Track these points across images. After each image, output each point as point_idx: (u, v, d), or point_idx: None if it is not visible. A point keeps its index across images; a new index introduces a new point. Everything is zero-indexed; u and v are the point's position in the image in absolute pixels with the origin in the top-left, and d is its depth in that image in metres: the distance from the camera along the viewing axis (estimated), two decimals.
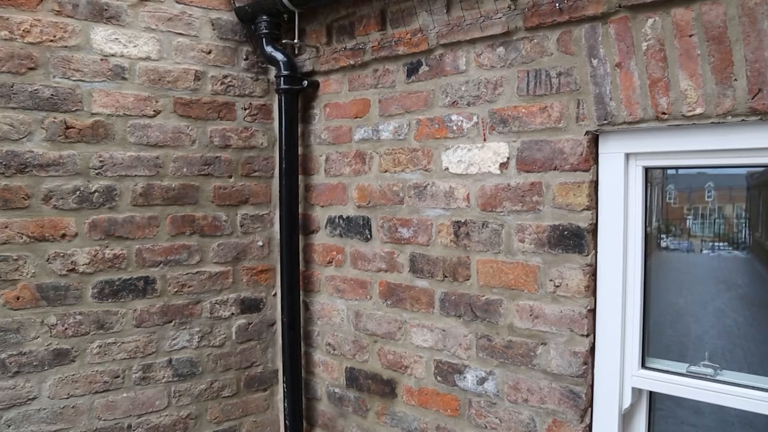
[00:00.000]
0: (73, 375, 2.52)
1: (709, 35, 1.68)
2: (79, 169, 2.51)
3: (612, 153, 1.95)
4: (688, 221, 1.92)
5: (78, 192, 2.52)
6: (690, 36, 1.71)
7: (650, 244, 1.97)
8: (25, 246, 2.42)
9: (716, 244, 1.87)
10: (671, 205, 1.97)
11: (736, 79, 1.64)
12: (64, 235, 2.50)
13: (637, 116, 1.84)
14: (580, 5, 1.92)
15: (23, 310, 2.42)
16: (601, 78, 1.90)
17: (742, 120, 1.65)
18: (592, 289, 1.98)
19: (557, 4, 1.96)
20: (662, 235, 1.97)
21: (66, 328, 2.50)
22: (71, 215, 2.51)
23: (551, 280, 2.04)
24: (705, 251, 1.89)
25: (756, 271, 1.82)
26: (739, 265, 1.85)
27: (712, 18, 1.67)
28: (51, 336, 2.48)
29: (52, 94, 2.45)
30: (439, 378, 2.40)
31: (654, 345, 1.97)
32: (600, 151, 1.98)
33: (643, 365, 1.97)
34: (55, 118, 2.46)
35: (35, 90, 2.41)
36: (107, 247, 2.59)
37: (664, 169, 1.95)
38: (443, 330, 2.37)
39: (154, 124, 2.68)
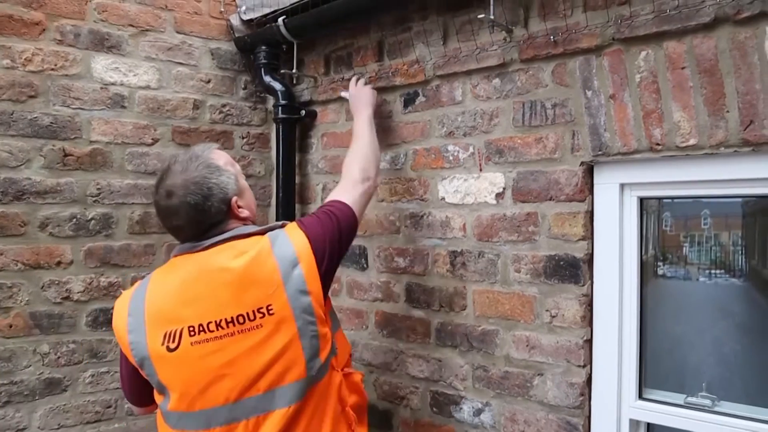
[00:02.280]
0: (64, 405, 2.49)
1: (701, 68, 1.70)
2: (76, 196, 2.52)
3: (607, 183, 1.97)
4: (684, 249, 1.93)
5: (75, 219, 2.52)
6: (682, 68, 1.74)
7: (647, 272, 1.97)
8: (19, 273, 2.41)
9: (713, 271, 1.87)
10: (667, 232, 1.97)
11: (728, 111, 1.66)
12: (59, 263, 2.49)
13: (631, 147, 1.85)
14: (574, 38, 1.95)
15: (16, 339, 2.40)
16: (595, 109, 1.93)
17: (735, 151, 1.67)
18: (588, 319, 1.97)
19: (552, 37, 1.99)
20: (659, 263, 1.97)
21: (59, 357, 2.48)
22: (67, 243, 2.51)
23: (547, 311, 2.04)
24: (702, 279, 1.89)
25: (753, 299, 1.82)
26: (736, 292, 1.85)
27: (703, 51, 1.70)
28: (43, 365, 2.45)
29: (51, 122, 2.46)
30: (435, 409, 2.37)
31: (651, 375, 1.96)
32: (595, 181, 1.99)
33: (641, 396, 1.95)
34: (53, 145, 2.47)
35: (35, 118, 2.43)
36: (102, 275, 2.58)
37: (658, 199, 1.96)
38: (439, 360, 2.35)
39: (152, 152, 2.70)
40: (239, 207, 1.75)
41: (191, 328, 1.59)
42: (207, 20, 2.87)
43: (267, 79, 2.87)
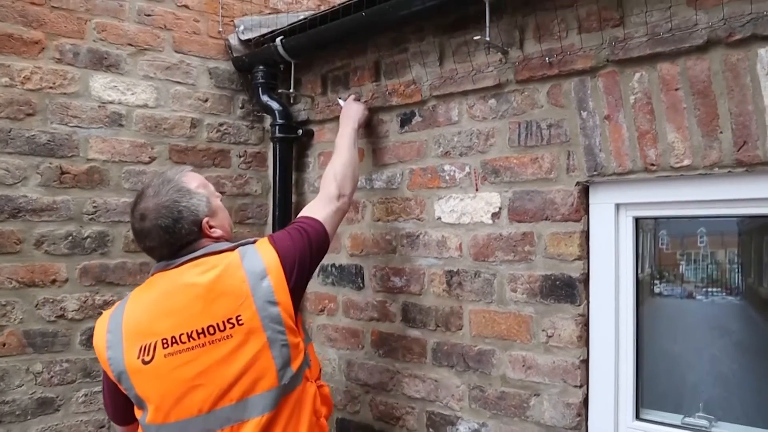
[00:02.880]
0: (56, 425, 2.47)
1: (695, 89, 1.72)
2: (72, 214, 2.52)
3: (602, 203, 1.97)
4: (681, 267, 1.93)
5: (70, 237, 2.51)
6: (676, 90, 1.76)
7: (643, 290, 1.97)
8: (14, 291, 2.40)
9: (709, 289, 1.87)
10: (664, 251, 1.98)
11: (721, 132, 1.68)
12: (54, 281, 2.48)
13: (626, 167, 1.87)
14: (569, 59, 1.97)
15: (9, 357, 2.38)
16: (590, 130, 1.94)
17: (729, 171, 1.68)
18: (584, 339, 1.97)
19: (547, 58, 2.01)
20: (655, 282, 1.97)
21: (52, 376, 2.46)
22: (62, 261, 2.50)
23: (544, 330, 2.04)
24: (698, 297, 1.89)
25: (750, 317, 1.82)
26: (733, 311, 1.85)
27: (696, 73, 1.72)
28: (36, 384, 2.43)
29: (48, 140, 2.47)
30: (431, 430, 2.35)
31: (648, 395, 1.95)
32: (591, 201, 2.00)
33: (638, 417, 1.94)
34: (50, 163, 2.47)
35: (32, 136, 2.44)
36: (97, 293, 2.57)
37: (653, 219, 1.96)
38: (435, 380, 2.34)
39: (149, 170, 2.70)
40: (211, 227, 1.82)
41: (164, 341, 1.65)
42: (205, 40, 2.89)
43: (264, 98, 2.89)
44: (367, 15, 2.35)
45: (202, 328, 1.65)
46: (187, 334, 1.64)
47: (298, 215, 2.04)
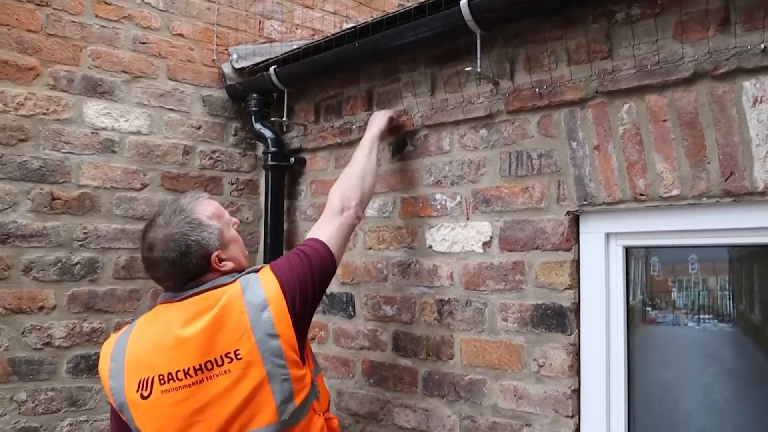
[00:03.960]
0: None
1: (682, 120, 1.75)
2: (62, 240, 2.51)
3: (592, 233, 1.98)
4: (672, 294, 1.93)
5: (59, 264, 2.50)
6: (664, 121, 1.78)
7: (635, 318, 1.97)
8: (0, 318, 2.37)
9: (701, 316, 1.87)
10: (655, 277, 1.98)
11: (709, 162, 1.70)
12: (42, 308, 2.46)
13: (616, 197, 1.88)
14: (559, 90, 2.00)
15: None
16: (580, 160, 1.96)
17: (717, 201, 1.70)
18: (576, 368, 1.96)
19: (537, 89, 2.04)
20: (647, 309, 1.98)
21: (36, 405, 2.42)
22: (51, 287, 2.48)
23: (535, 360, 2.03)
24: (690, 324, 1.89)
25: (742, 344, 1.82)
26: (725, 338, 1.85)
27: (683, 104, 1.74)
28: (19, 413, 2.39)
29: (40, 166, 2.47)
30: None
31: (641, 424, 1.93)
32: (581, 230, 2.01)
33: None
34: (41, 189, 2.47)
35: (24, 161, 2.44)
36: (86, 320, 2.55)
37: (643, 248, 1.97)
38: (426, 410, 2.32)
39: (140, 197, 2.70)
40: (221, 261, 1.76)
41: (161, 377, 1.61)
42: (199, 68, 2.92)
43: (257, 126, 2.90)
44: (360, 45, 2.39)
45: (200, 365, 1.60)
46: (184, 371, 1.60)
47: (306, 236, 1.99)
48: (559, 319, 1.98)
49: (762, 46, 1.59)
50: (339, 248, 1.96)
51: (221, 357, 1.61)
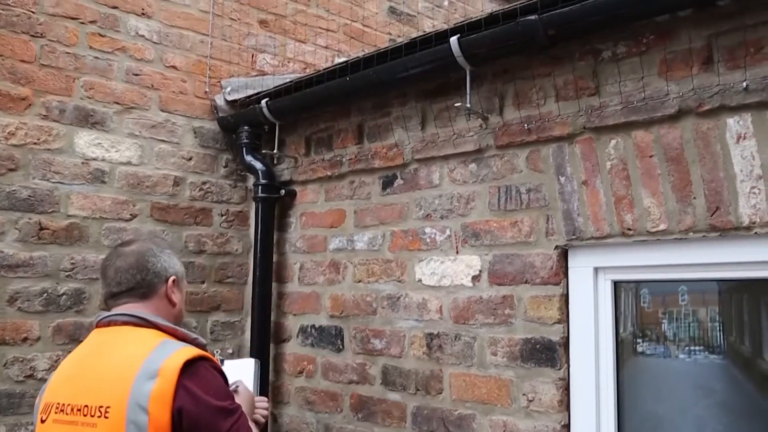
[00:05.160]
0: None
1: (668, 156, 1.77)
2: (49, 270, 2.48)
3: (581, 267, 1.99)
4: (663, 325, 1.93)
5: (45, 294, 2.47)
6: (650, 156, 1.81)
7: (626, 350, 1.97)
8: None
9: (692, 348, 1.87)
10: (645, 309, 1.98)
11: (695, 198, 1.72)
12: (25, 339, 2.42)
13: (604, 232, 1.90)
14: (547, 126, 2.02)
15: None
16: (568, 195, 1.98)
17: (704, 236, 1.71)
18: (565, 403, 1.94)
19: (526, 125, 2.07)
20: (638, 340, 1.97)
21: None
22: (36, 318, 2.44)
23: (524, 395, 2.01)
24: (681, 356, 1.89)
25: (733, 376, 1.81)
26: (716, 370, 1.84)
27: (669, 140, 1.77)
28: None
29: (29, 195, 2.46)
30: None
31: None
32: (569, 265, 2.02)
33: None
34: (30, 219, 2.45)
35: (13, 191, 2.43)
36: (70, 352, 2.50)
37: (631, 282, 1.98)
38: None
39: (129, 227, 2.69)
40: (173, 290, 1.70)
41: (58, 406, 1.54)
42: (192, 100, 2.94)
43: (248, 158, 2.92)
44: (351, 80, 2.42)
45: (81, 406, 1.49)
46: (71, 406, 1.51)
47: None
48: (549, 353, 1.98)
49: (744, 84, 1.63)
50: None
51: (96, 407, 1.48)
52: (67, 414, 1.51)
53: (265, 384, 2.78)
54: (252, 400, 1.79)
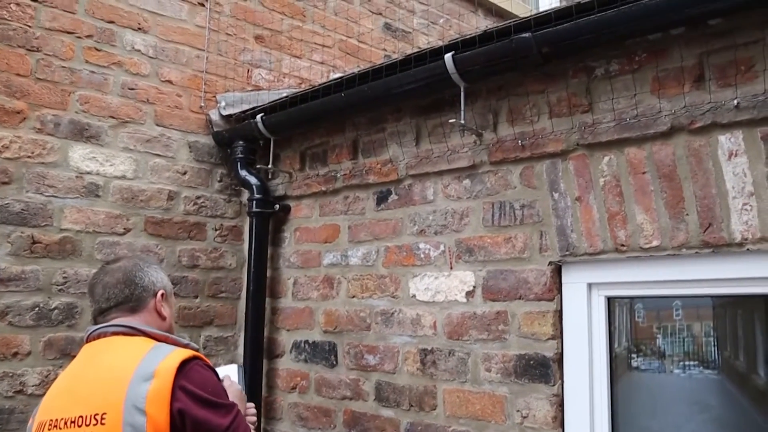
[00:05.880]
0: None
1: (661, 173, 1.78)
2: (41, 284, 2.47)
3: (575, 283, 1.99)
4: (657, 340, 1.93)
5: (37, 309, 2.45)
6: (643, 173, 1.82)
7: (620, 365, 1.96)
8: None
9: (687, 363, 1.87)
10: (640, 324, 1.99)
11: (687, 214, 1.73)
12: (16, 354, 2.40)
13: (597, 248, 1.90)
14: (541, 143, 2.04)
15: None
16: (562, 211, 1.98)
17: (696, 252, 1.72)
18: (559, 420, 1.93)
19: (520, 141, 2.08)
20: (632, 355, 1.97)
21: None
22: (26, 333, 2.43)
23: (518, 411, 2.00)
24: (676, 371, 1.89)
25: (728, 392, 1.81)
26: (711, 385, 1.84)
27: (662, 157, 1.78)
28: None
29: (22, 209, 2.45)
30: None
31: None
32: (563, 281, 2.02)
33: None
34: (22, 232, 2.44)
35: (6, 204, 2.42)
36: (61, 367, 2.49)
37: (624, 298, 1.98)
38: None
39: (123, 241, 2.68)
40: (161, 304, 1.72)
41: (51, 422, 1.53)
42: (187, 114, 2.94)
43: (243, 173, 2.92)
44: (346, 96, 2.43)
45: (75, 417, 1.48)
46: (65, 419, 1.50)
47: None
48: (543, 369, 1.97)
49: (735, 102, 1.64)
50: None
51: (91, 416, 1.46)
52: (60, 429, 1.50)
53: (258, 399, 2.76)
54: (243, 399, 1.81)
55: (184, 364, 1.50)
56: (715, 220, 1.68)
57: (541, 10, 2.53)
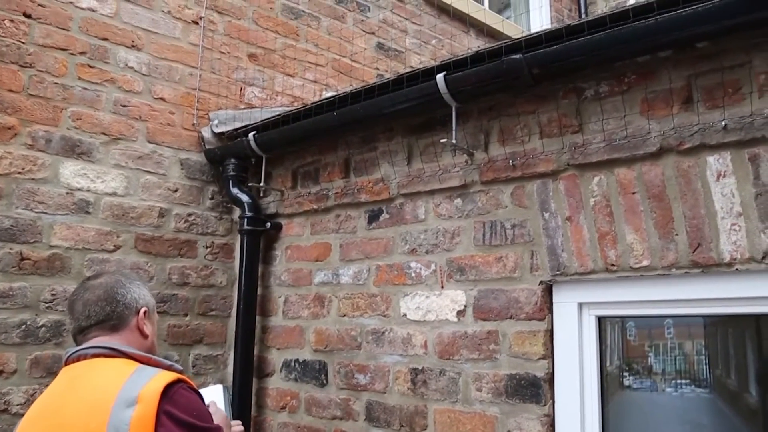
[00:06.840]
0: None
1: (650, 193, 1.80)
2: (28, 302, 2.44)
3: (565, 302, 1.99)
4: (649, 359, 1.93)
5: (24, 326, 2.43)
6: (633, 193, 1.83)
7: (612, 384, 1.96)
8: None
9: (678, 381, 1.86)
10: (631, 342, 1.99)
11: (677, 234, 1.74)
12: (1, 372, 2.37)
13: (588, 267, 1.91)
14: (531, 162, 2.05)
15: None
16: (552, 230, 1.99)
17: (686, 272, 1.73)
18: None
19: (511, 161, 2.09)
20: (624, 374, 1.97)
21: None
22: (13, 350, 2.40)
23: (509, 431, 1.99)
24: (668, 390, 1.88)
25: (720, 410, 1.81)
26: (703, 404, 1.84)
27: (651, 177, 1.80)
28: None
29: (11, 225, 2.43)
30: None
31: None
32: (554, 300, 2.02)
33: None
34: (11, 249, 2.43)
35: None
36: (47, 385, 2.45)
37: (615, 318, 1.98)
38: None
39: (113, 259, 2.66)
40: (144, 322, 1.70)
41: None
42: (179, 131, 2.94)
43: (234, 190, 2.91)
44: (339, 114, 2.44)
45: None
46: None
47: None
48: (533, 389, 1.96)
49: (723, 123, 1.66)
50: None
51: None
52: None
53: (248, 418, 2.73)
54: (228, 422, 1.77)
55: (168, 388, 1.47)
56: (704, 240, 1.69)
57: (532, 31, 2.56)
